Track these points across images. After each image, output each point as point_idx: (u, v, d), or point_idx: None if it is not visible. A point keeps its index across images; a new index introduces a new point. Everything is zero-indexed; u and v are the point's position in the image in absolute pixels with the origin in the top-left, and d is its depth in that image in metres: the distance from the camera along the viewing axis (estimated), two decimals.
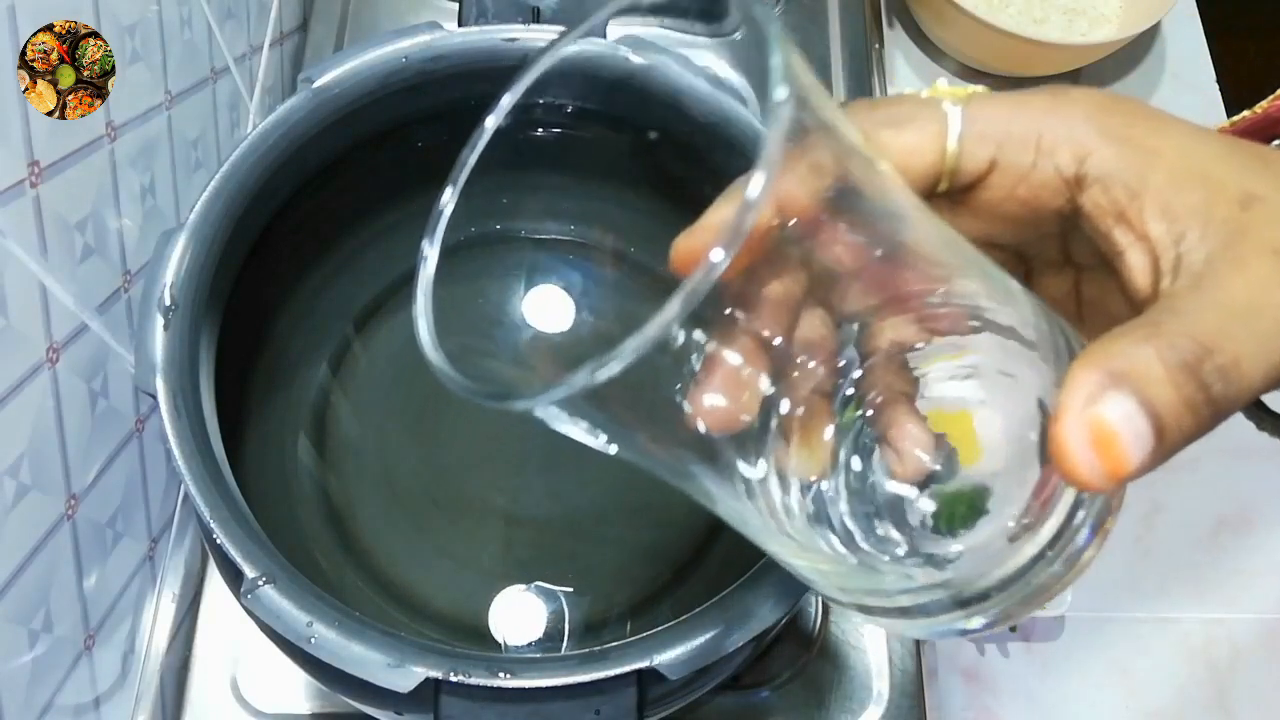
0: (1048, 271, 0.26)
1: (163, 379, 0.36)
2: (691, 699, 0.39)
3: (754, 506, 0.23)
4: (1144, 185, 0.22)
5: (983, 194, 0.24)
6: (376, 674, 0.33)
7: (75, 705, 0.42)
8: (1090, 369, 0.20)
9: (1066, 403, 0.19)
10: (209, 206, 0.39)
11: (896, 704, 0.51)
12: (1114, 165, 0.22)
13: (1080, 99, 0.23)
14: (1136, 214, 0.22)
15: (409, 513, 0.50)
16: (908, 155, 0.23)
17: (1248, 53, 1.10)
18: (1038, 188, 0.23)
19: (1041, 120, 0.23)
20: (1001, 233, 0.25)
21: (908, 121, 0.23)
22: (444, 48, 0.43)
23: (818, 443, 0.23)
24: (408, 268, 0.55)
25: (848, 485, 0.23)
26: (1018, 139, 0.23)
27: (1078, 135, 0.22)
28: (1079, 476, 0.19)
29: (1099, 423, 0.19)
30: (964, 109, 0.23)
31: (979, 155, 0.23)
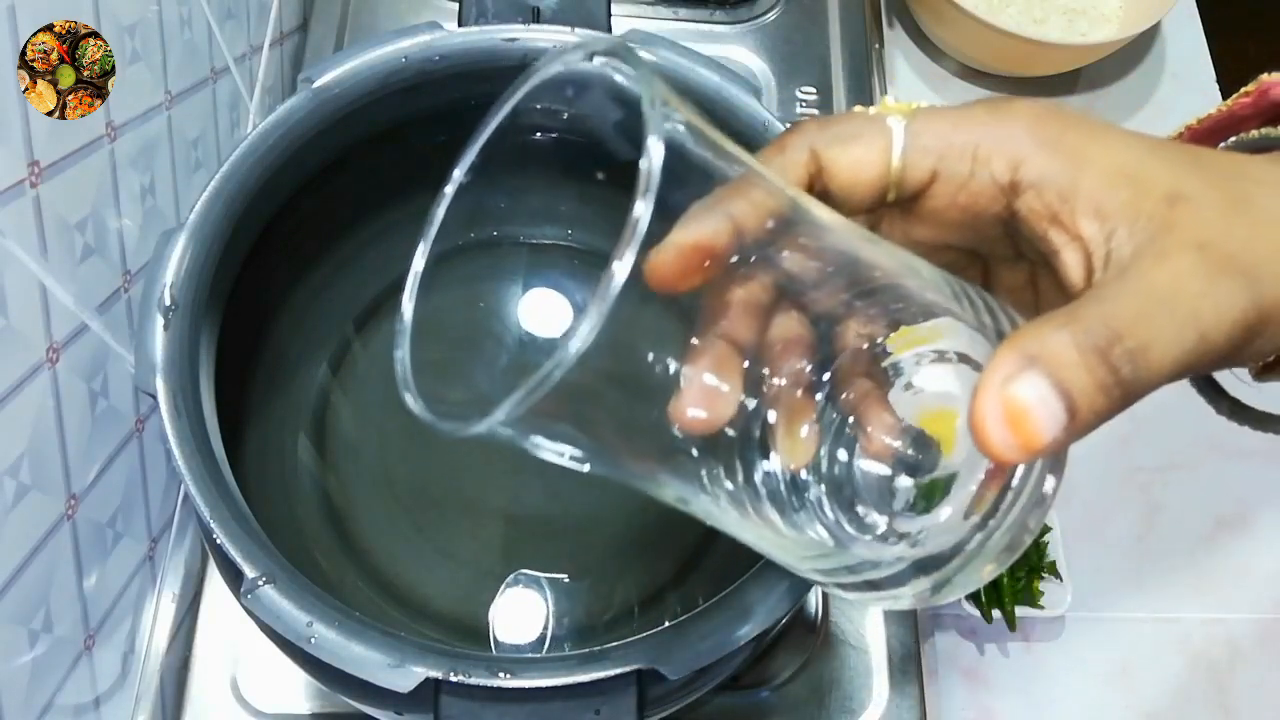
0: (1003, 266, 0.28)
1: (163, 379, 0.36)
2: (691, 699, 0.39)
3: (732, 504, 0.24)
4: (1075, 189, 0.23)
5: (928, 203, 0.25)
6: (376, 674, 0.33)
7: (75, 705, 0.42)
8: (1010, 351, 0.21)
9: (985, 381, 0.21)
10: (209, 206, 0.39)
11: (896, 704, 0.51)
12: (1047, 171, 0.23)
13: (1017, 111, 0.24)
14: (1069, 215, 0.23)
15: (409, 513, 0.50)
16: (855, 169, 0.25)
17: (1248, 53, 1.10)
18: (976, 195, 0.24)
19: (979, 132, 0.24)
20: (951, 236, 0.26)
21: (854, 138, 0.25)
22: (444, 48, 0.43)
23: (799, 434, 0.24)
24: (408, 268, 0.55)
25: (829, 473, 0.24)
26: (957, 150, 0.24)
27: (1013, 144, 0.24)
28: (993, 449, 0.21)
29: (1012, 400, 0.20)
30: (907, 124, 0.25)
31: (921, 167, 0.25)
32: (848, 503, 0.24)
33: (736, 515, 0.24)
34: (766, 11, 0.70)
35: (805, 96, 0.67)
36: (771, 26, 0.70)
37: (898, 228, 0.27)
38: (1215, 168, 0.24)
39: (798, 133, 0.25)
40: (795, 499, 0.24)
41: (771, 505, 0.24)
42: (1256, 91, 0.30)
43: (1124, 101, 0.76)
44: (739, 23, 0.69)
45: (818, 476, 0.24)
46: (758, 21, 0.70)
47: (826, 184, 0.25)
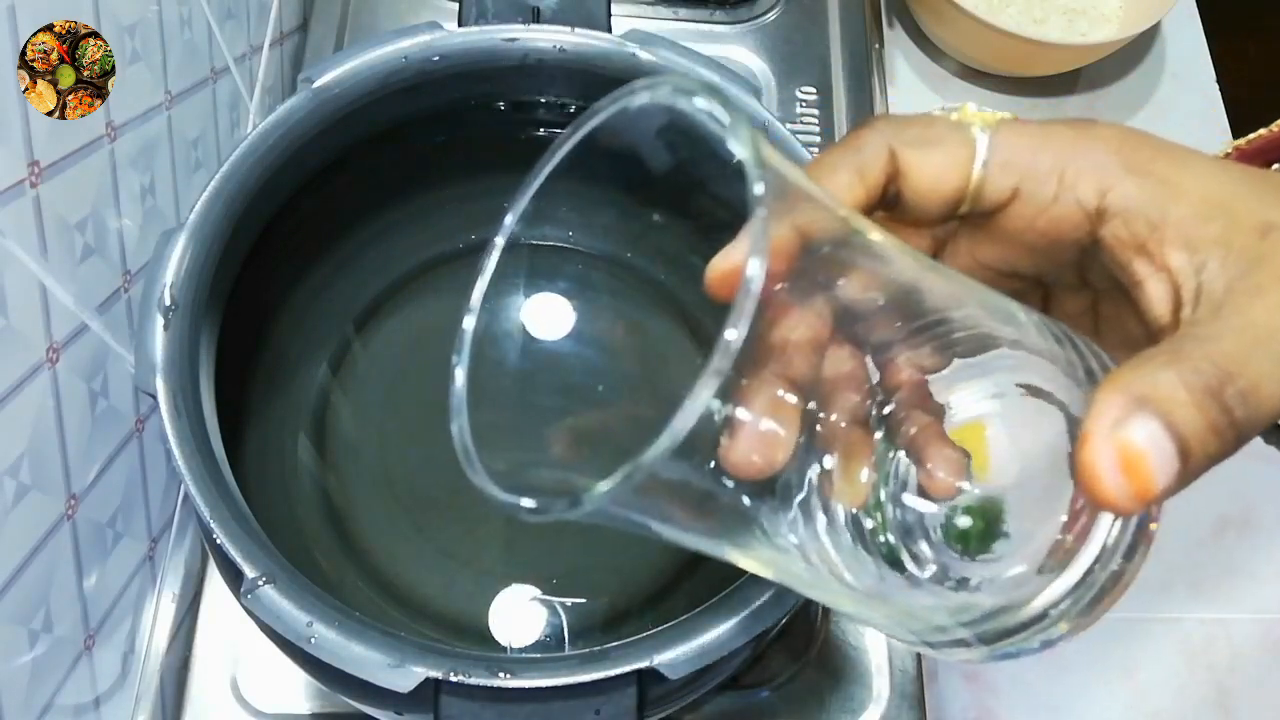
0: (1064, 292, 0.27)
1: (163, 379, 0.36)
2: (691, 699, 0.39)
3: (802, 559, 0.23)
4: (1165, 218, 0.22)
5: (1004, 221, 0.24)
6: (376, 674, 0.33)
7: (75, 705, 0.41)
8: (1116, 393, 0.20)
9: (1093, 426, 0.20)
10: (209, 206, 0.39)
11: (896, 704, 0.51)
12: (1136, 199, 0.22)
13: (1104, 134, 0.23)
14: (1157, 246, 0.22)
15: (409, 513, 0.50)
16: (934, 176, 0.24)
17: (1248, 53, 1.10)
18: (1058, 220, 0.23)
19: (1066, 153, 0.23)
20: (1019, 259, 0.25)
21: (936, 143, 0.24)
22: (444, 48, 0.43)
23: (856, 476, 0.23)
24: (408, 268, 0.55)
25: (891, 516, 0.24)
26: (1042, 171, 0.23)
27: (1101, 169, 0.23)
28: (1107, 498, 0.20)
29: (1126, 445, 0.19)
30: (991, 136, 0.24)
31: (1003, 184, 0.24)
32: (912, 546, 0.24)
33: (804, 569, 0.23)
34: (766, 11, 0.70)
35: (805, 96, 0.67)
36: (771, 26, 0.70)
37: (963, 246, 0.26)
38: None
39: (874, 130, 0.24)
40: (858, 544, 0.23)
41: (836, 552, 0.23)
42: None
43: (1124, 101, 0.76)
44: (739, 23, 0.69)
45: (879, 519, 0.23)
46: (758, 21, 0.70)
47: (902, 187, 0.24)
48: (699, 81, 0.21)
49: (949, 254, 0.26)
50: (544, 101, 0.48)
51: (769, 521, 0.22)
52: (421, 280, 0.55)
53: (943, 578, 0.23)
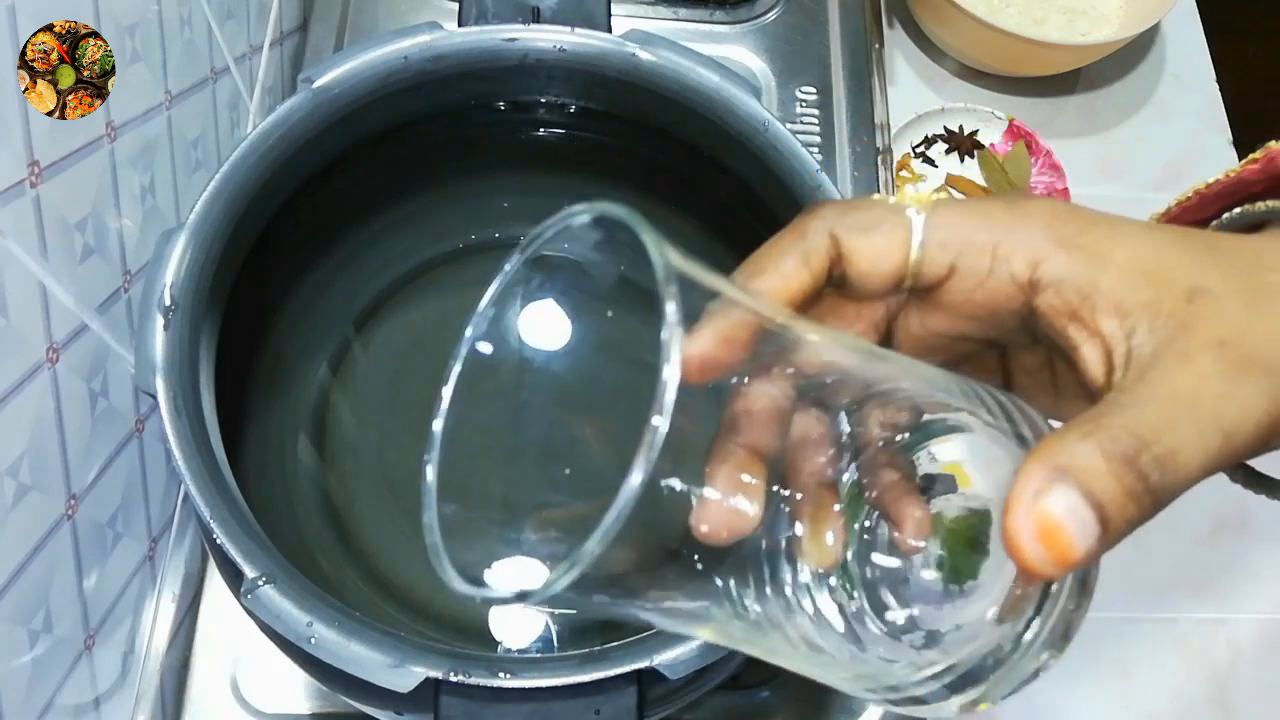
0: (1019, 351, 0.28)
1: (163, 379, 0.36)
2: (691, 699, 0.39)
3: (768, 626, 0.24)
4: (1095, 287, 0.23)
5: (944, 295, 0.26)
6: (376, 674, 0.33)
7: (75, 705, 0.42)
8: (1037, 464, 0.21)
9: (1015, 496, 0.21)
10: (209, 206, 0.39)
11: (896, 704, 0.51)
12: (1066, 270, 0.24)
13: (1034, 210, 0.25)
14: (1089, 313, 0.23)
15: (409, 513, 0.50)
16: (874, 258, 0.25)
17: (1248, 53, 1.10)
18: (994, 291, 0.25)
19: (998, 230, 0.25)
20: (968, 327, 0.26)
21: (874, 227, 0.25)
22: (444, 48, 0.43)
23: (825, 536, 0.24)
24: (408, 268, 0.55)
25: (858, 574, 0.24)
26: (976, 247, 0.25)
27: (1032, 244, 0.24)
28: (1029, 566, 0.21)
29: (1044, 515, 0.20)
30: (926, 217, 0.25)
31: (940, 261, 0.25)
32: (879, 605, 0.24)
33: (775, 637, 0.24)
34: (766, 11, 0.70)
35: (805, 96, 0.67)
36: (771, 26, 0.70)
37: (914, 317, 0.27)
38: (1234, 259, 0.24)
39: (818, 217, 0.26)
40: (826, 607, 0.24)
41: (803, 617, 0.24)
42: (1264, 159, 0.30)
43: (1124, 101, 0.76)
44: (739, 23, 0.69)
45: (846, 578, 0.24)
46: (758, 21, 0.70)
47: (845, 270, 0.25)
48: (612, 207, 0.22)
49: (902, 323, 0.27)
50: (544, 101, 0.48)
51: (735, 590, 0.23)
52: (421, 280, 0.55)
53: (909, 631, 0.24)
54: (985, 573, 0.24)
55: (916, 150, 0.72)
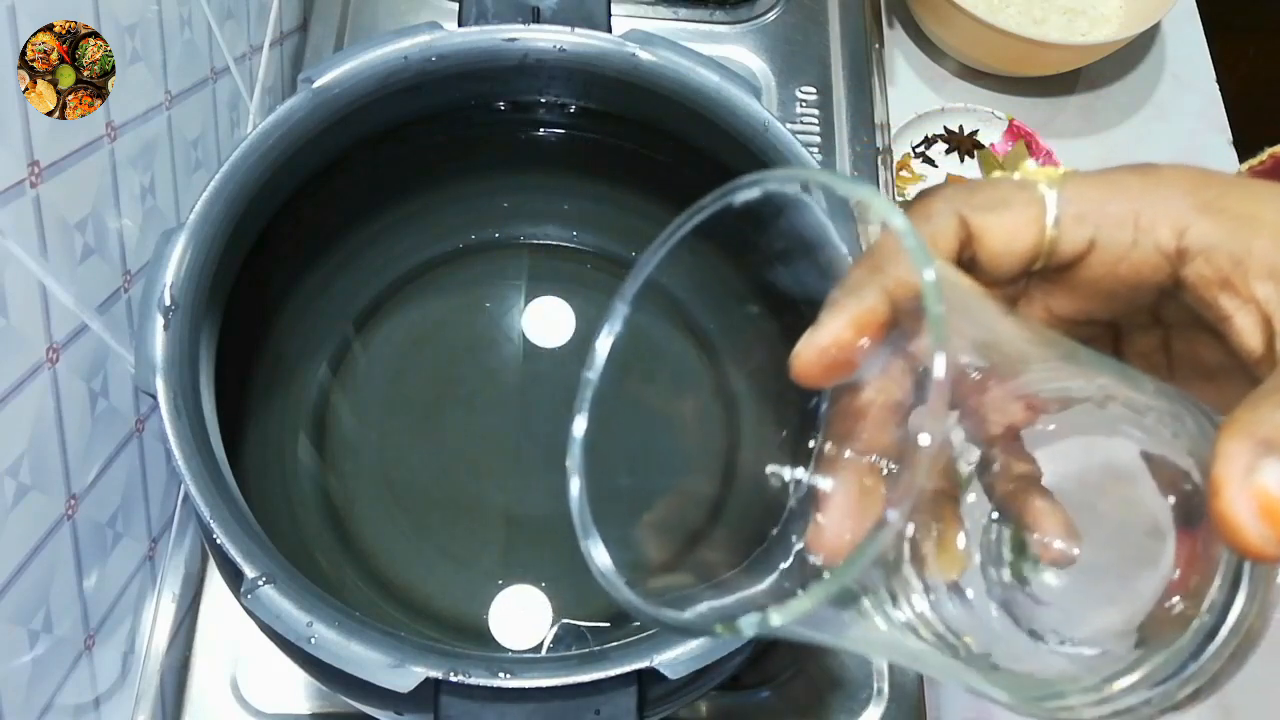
0: (1136, 333, 0.27)
1: (163, 379, 0.36)
2: (691, 699, 0.39)
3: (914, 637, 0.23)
4: (1247, 251, 0.22)
5: (1081, 272, 0.24)
6: (376, 674, 0.33)
7: (75, 705, 0.41)
8: (1239, 439, 0.20)
9: (1224, 475, 0.19)
10: (209, 206, 0.39)
11: (896, 704, 0.51)
12: (1214, 236, 0.23)
13: (1172, 177, 0.23)
14: (1241, 279, 0.22)
15: (409, 513, 0.50)
16: (1008, 237, 0.24)
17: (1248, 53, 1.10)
18: (1138, 264, 0.23)
19: (1137, 199, 0.23)
20: (1096, 307, 0.25)
21: (1005, 205, 0.24)
22: (444, 48, 0.43)
23: (952, 553, 0.23)
24: (408, 268, 0.55)
25: (994, 579, 0.23)
26: (1115, 219, 0.23)
27: (1175, 211, 0.23)
28: (1253, 547, 0.19)
29: (1263, 491, 0.19)
30: (1059, 191, 0.24)
31: (1078, 236, 0.24)
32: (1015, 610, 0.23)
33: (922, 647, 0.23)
34: (766, 11, 0.70)
35: (805, 96, 0.67)
36: (771, 26, 0.70)
37: (1037, 300, 0.26)
38: None
39: (942, 199, 0.24)
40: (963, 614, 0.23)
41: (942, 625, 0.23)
42: None
43: (1124, 101, 0.76)
44: (739, 23, 0.69)
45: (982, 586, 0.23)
46: (758, 21, 0.70)
47: (976, 251, 0.24)
48: (832, 175, 0.21)
49: (1022, 309, 0.26)
50: (544, 101, 0.48)
51: (869, 599, 0.22)
52: (421, 280, 0.55)
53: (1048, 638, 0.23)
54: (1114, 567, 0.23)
55: (916, 150, 0.72)
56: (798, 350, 0.22)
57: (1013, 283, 0.25)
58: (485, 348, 0.54)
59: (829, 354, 0.22)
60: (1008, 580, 0.23)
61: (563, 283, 0.56)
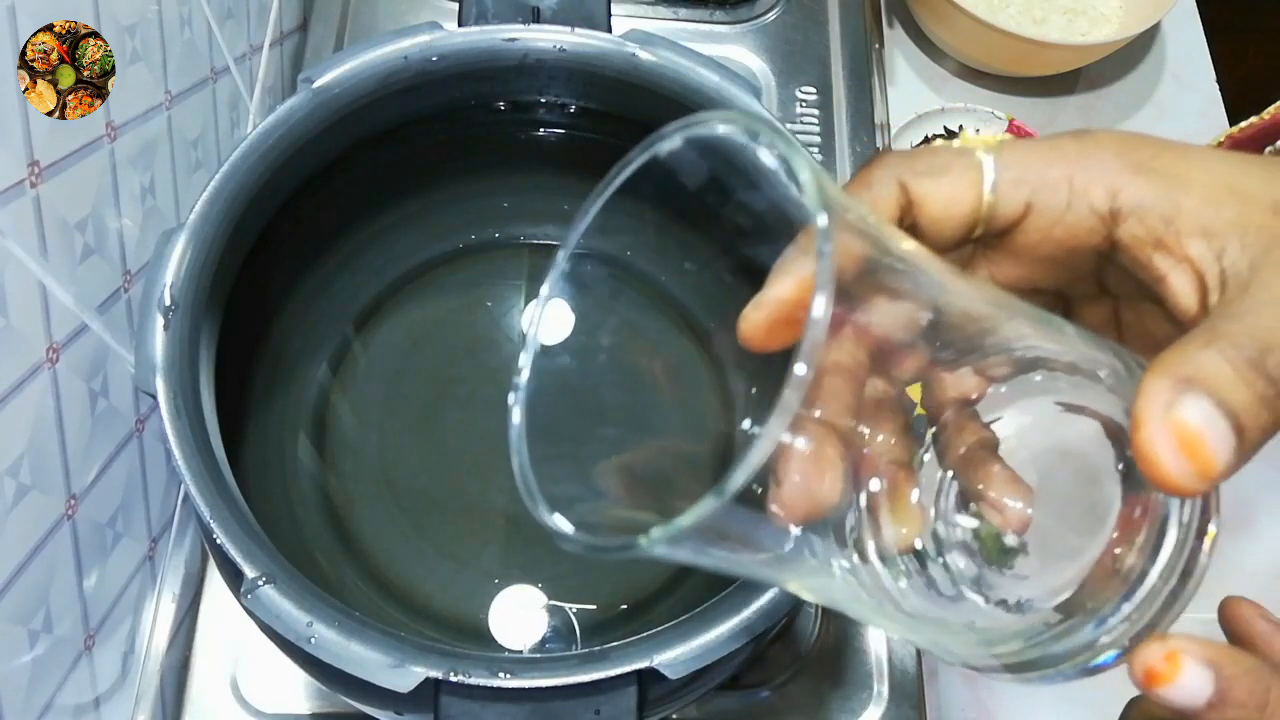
0: (1085, 304, 0.27)
1: (163, 379, 0.36)
2: (691, 699, 0.39)
3: (854, 583, 0.23)
4: (1178, 210, 0.23)
5: (1019, 237, 0.25)
6: (376, 674, 0.33)
7: (75, 705, 0.41)
8: (1161, 377, 0.20)
9: (1145, 410, 0.20)
10: (209, 206, 0.39)
11: (896, 704, 0.51)
12: (1146, 196, 0.23)
13: (1105, 140, 0.24)
14: (1174, 238, 0.23)
15: (409, 513, 0.50)
16: (947, 202, 0.24)
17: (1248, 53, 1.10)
18: (1073, 227, 0.24)
19: (1072, 163, 0.24)
20: (1039, 275, 0.26)
21: (944, 171, 0.24)
22: (444, 48, 0.43)
23: (906, 509, 0.23)
24: (408, 267, 0.55)
25: (945, 537, 0.24)
26: (1051, 183, 0.24)
27: (1108, 173, 0.23)
28: (1171, 480, 0.20)
29: (1181, 425, 0.19)
30: (996, 156, 0.24)
31: (1014, 200, 0.24)
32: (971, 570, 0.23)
33: (855, 593, 0.23)
34: (766, 11, 0.70)
35: (805, 96, 0.67)
36: (771, 26, 0.70)
37: (981, 270, 0.26)
38: None
39: (883, 166, 0.25)
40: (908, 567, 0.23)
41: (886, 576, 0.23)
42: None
43: (1124, 101, 0.76)
44: (739, 23, 0.69)
45: (934, 545, 0.23)
46: (758, 21, 0.70)
47: (917, 217, 0.25)
48: (755, 117, 0.21)
49: None
50: (544, 101, 0.48)
51: (820, 549, 0.22)
52: (421, 280, 0.55)
53: (992, 598, 0.23)
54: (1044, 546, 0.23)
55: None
56: (745, 313, 0.23)
57: (955, 248, 0.25)
58: (485, 348, 0.54)
59: (773, 316, 0.22)
60: (959, 539, 0.24)
61: (563, 285, 0.56)
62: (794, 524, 0.21)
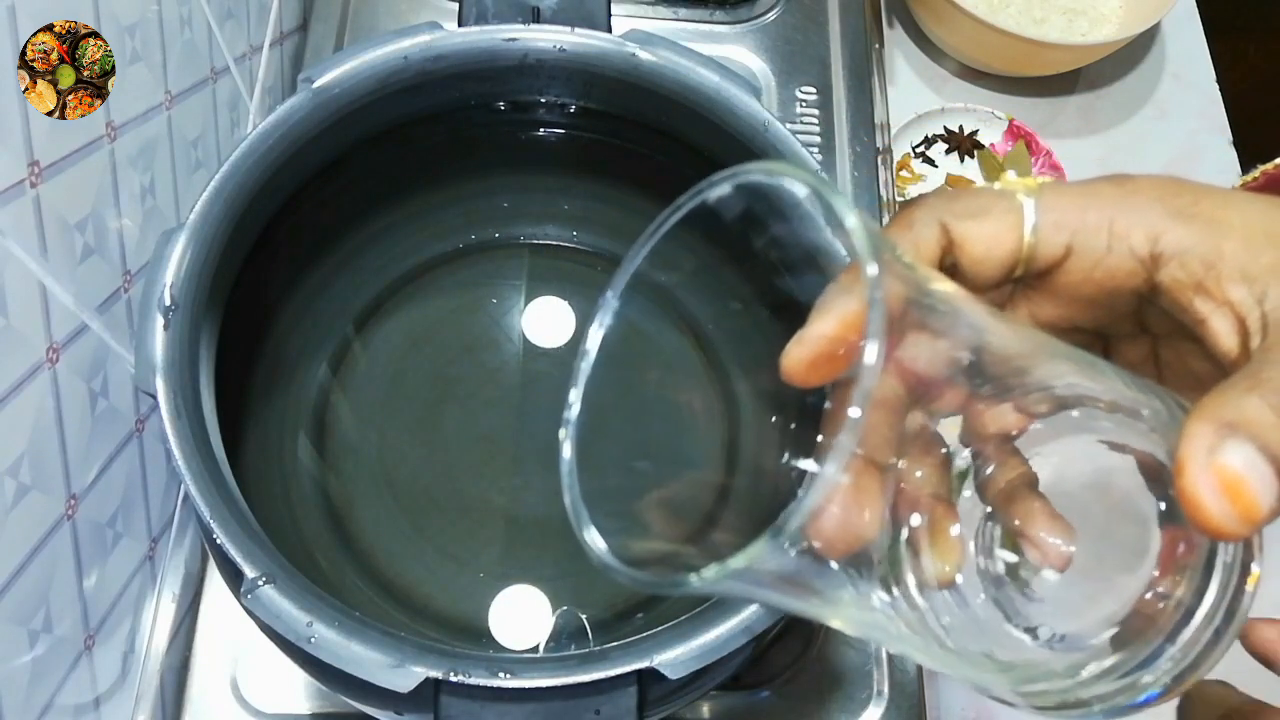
0: (1124, 342, 0.28)
1: (163, 379, 0.36)
2: (691, 699, 0.39)
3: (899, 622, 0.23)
4: (1219, 255, 0.23)
5: (1060, 278, 0.25)
6: (376, 674, 0.33)
7: (75, 705, 0.42)
8: (1204, 421, 0.20)
9: (1188, 454, 0.20)
10: (209, 206, 0.39)
11: (896, 704, 0.51)
12: (1187, 241, 0.23)
13: (1145, 186, 0.24)
14: (1215, 282, 0.23)
15: (409, 513, 0.50)
16: (988, 243, 0.25)
17: (1248, 53, 1.10)
18: (1113, 270, 0.24)
19: (1112, 207, 0.24)
20: (1078, 314, 0.26)
21: (985, 213, 0.25)
22: (444, 48, 0.43)
23: (947, 544, 0.24)
24: (408, 268, 0.55)
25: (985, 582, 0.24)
26: (1091, 226, 0.24)
27: (1149, 218, 0.24)
28: (1214, 524, 0.20)
29: (1224, 470, 0.20)
30: (1038, 199, 0.25)
31: (1055, 242, 0.25)
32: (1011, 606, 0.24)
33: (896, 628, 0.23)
34: (766, 11, 0.70)
35: (805, 96, 0.67)
36: (771, 26, 0.70)
37: (1022, 310, 0.26)
38: None
39: (924, 208, 0.25)
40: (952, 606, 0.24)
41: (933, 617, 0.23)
42: None
43: (1124, 101, 0.76)
44: (739, 23, 0.69)
45: (975, 580, 0.24)
46: (758, 21, 0.70)
47: (958, 258, 0.25)
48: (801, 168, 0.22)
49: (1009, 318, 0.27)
50: (544, 101, 0.48)
51: (860, 584, 0.22)
52: (421, 280, 0.55)
53: (1032, 634, 0.24)
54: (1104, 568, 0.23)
55: (916, 150, 0.72)
56: (787, 349, 0.23)
57: (995, 289, 0.26)
58: (485, 348, 0.54)
59: (816, 353, 0.22)
60: (999, 574, 0.24)
61: (563, 283, 0.56)
62: (834, 559, 0.21)
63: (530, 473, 0.51)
